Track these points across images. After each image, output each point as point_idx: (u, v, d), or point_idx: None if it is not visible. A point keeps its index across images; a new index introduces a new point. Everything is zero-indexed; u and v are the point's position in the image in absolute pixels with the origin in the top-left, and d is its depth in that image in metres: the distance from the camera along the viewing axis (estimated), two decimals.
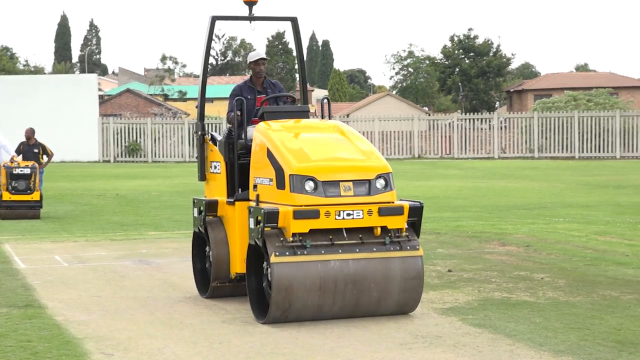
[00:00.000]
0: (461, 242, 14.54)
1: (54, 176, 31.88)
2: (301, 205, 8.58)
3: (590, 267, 12.82)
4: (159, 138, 54.52)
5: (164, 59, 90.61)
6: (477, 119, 56.46)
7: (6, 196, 20.36)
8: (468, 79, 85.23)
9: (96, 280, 12.26)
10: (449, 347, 8.13)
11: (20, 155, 21.31)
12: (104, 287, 11.78)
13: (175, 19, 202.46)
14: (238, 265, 9.84)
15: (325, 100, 10.80)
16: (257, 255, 9.09)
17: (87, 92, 56.59)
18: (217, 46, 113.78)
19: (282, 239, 8.63)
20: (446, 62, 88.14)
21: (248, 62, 10.90)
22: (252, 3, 10.69)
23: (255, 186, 9.41)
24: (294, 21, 11.23)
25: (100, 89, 69.43)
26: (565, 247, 14.90)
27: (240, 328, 9.22)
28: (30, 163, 20.86)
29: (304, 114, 10.35)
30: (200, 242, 10.90)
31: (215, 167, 10.51)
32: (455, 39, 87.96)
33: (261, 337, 8.80)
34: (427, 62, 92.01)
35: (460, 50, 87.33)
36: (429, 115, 66.73)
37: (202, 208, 10.39)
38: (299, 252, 8.56)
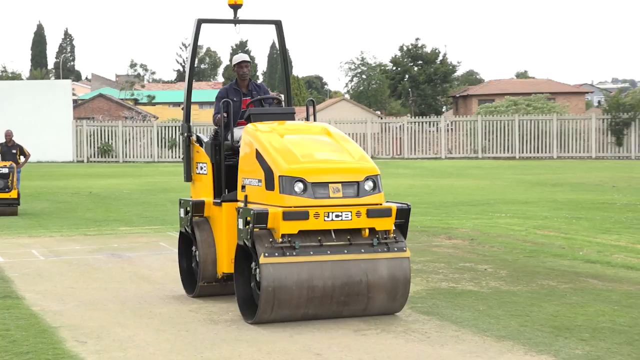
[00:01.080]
0: (411, 236, 14.56)
1: (30, 175, 31.72)
2: (290, 207, 8.09)
3: (530, 258, 12.91)
4: (129, 140, 54.52)
5: (133, 65, 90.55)
6: (426, 122, 56.69)
7: None
8: (417, 85, 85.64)
9: (70, 273, 12.19)
10: (399, 334, 8.18)
11: None
12: (78, 279, 11.71)
13: (145, 28, 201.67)
14: (225, 265, 9.40)
15: (311, 102, 10.44)
16: (245, 255, 8.60)
17: (62, 97, 56.51)
18: (183, 54, 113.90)
19: (271, 239, 8.11)
20: (396, 70, 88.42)
21: (232, 65, 10.37)
22: (237, 6, 10.23)
23: (243, 187, 8.91)
24: (278, 24, 10.74)
25: (74, 94, 69.02)
26: (507, 240, 15.00)
27: (205, 317, 9.21)
28: (8, 163, 20.82)
29: (290, 115, 9.87)
30: (186, 242, 10.37)
31: (201, 168, 9.98)
32: (405, 48, 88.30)
33: (225, 325, 8.79)
34: (379, 69, 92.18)
35: (409, 59, 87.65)
36: (381, 118, 66.86)
37: (188, 209, 9.84)
38: (288, 253, 8.05)
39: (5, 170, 20.45)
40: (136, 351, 7.85)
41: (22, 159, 21.97)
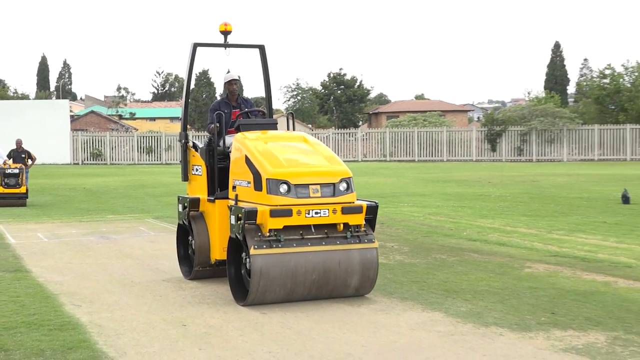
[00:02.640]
0: None
1: (36, 175, 31.32)
2: (276, 205, 7.59)
3: (426, 238, 13.04)
4: (115, 147, 54.18)
5: (118, 88, 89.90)
6: (346, 133, 56.81)
7: (0, 190, 20.33)
8: (340, 104, 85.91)
9: (68, 251, 12.03)
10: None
11: (11, 159, 21.25)
12: (74, 256, 11.57)
13: (128, 60, 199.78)
14: (217, 252, 8.86)
15: (290, 115, 10.05)
16: (236, 246, 8.05)
17: (61, 113, 56.05)
18: (157, 79, 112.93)
19: (259, 234, 7.58)
20: (324, 92, 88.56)
21: (224, 82, 9.78)
22: (227, 32, 9.70)
23: (234, 187, 8.37)
24: (261, 48, 10.26)
25: (71, 111, 68.19)
26: (408, 224, 15.13)
27: (175, 285, 9.19)
28: (18, 165, 20.86)
29: (273, 125, 9.24)
30: (183, 233, 9.73)
31: (196, 170, 9.42)
32: (331, 75, 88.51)
33: (191, 292, 8.77)
34: (311, 91, 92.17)
35: (334, 84, 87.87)
36: (312, 130, 66.89)
37: (186, 204, 9.29)
38: (274, 245, 7.55)
39: (16, 171, 20.55)
40: (120, 312, 7.80)
41: (30, 161, 21.91)
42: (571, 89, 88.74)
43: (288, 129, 9.62)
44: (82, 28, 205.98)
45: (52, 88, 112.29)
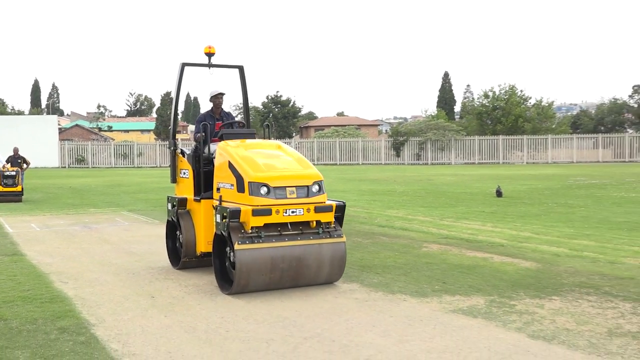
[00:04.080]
0: None
1: (30, 176, 30.48)
2: (258, 205, 7.02)
3: (346, 225, 13.01)
4: (95, 153, 53.19)
5: (98, 106, 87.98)
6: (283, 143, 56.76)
7: (0, 189, 19.88)
8: (277, 120, 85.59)
9: (57, 239, 11.69)
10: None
11: (9, 164, 20.76)
12: (62, 242, 11.25)
13: (105, 82, 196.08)
14: (202, 245, 8.24)
15: (267, 126, 9.47)
16: (221, 242, 7.45)
17: (51, 126, 54.95)
18: (131, 99, 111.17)
19: (243, 230, 7.02)
20: (264, 110, 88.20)
21: (210, 96, 9.10)
22: (211, 54, 9.01)
23: (218, 189, 7.73)
24: (240, 68, 9.59)
25: (59, 124, 66.48)
26: None
27: (146, 265, 9.03)
28: (15, 168, 20.39)
29: (252, 135, 8.61)
30: (171, 228, 9.01)
31: (184, 173, 8.77)
32: (269, 97, 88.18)
33: (158, 270, 8.63)
34: (253, 110, 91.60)
35: (273, 103, 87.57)
36: None
37: (175, 203, 8.63)
38: (256, 241, 6.98)
39: (14, 173, 20.15)
40: (100, 287, 7.62)
41: (25, 165, 21.44)
42: (457, 107, 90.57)
43: (264, 138, 9.07)
44: (69, 56, 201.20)
45: (43, 106, 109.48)
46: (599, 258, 8.89)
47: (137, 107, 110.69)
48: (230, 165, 7.47)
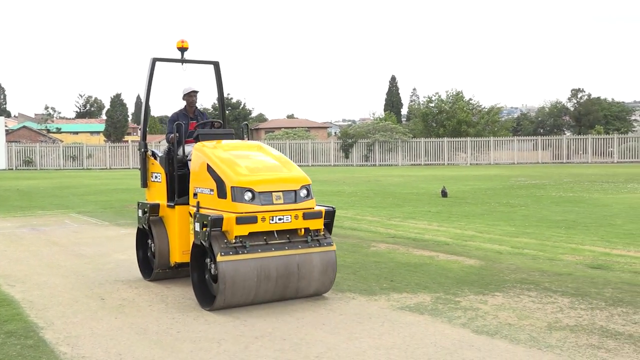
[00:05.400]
0: None
1: None
2: (242, 213, 6.26)
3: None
4: (44, 155, 51.86)
5: (46, 107, 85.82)
6: None
7: None
8: (228, 122, 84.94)
9: (5, 241, 11.36)
10: None
11: None
12: (10, 244, 10.93)
13: (54, 83, 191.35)
14: (177, 255, 7.46)
15: (245, 126, 8.52)
16: (199, 252, 6.67)
17: None
18: (80, 101, 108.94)
19: (225, 240, 6.26)
20: (215, 112, 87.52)
21: (183, 94, 8.31)
22: (184, 49, 8.20)
23: (195, 194, 6.91)
24: (216, 64, 8.79)
25: (6, 126, 64.63)
26: None
27: (96, 267, 8.84)
28: None
29: (230, 135, 7.88)
30: (142, 237, 8.20)
31: (156, 177, 7.94)
32: None
33: (108, 272, 8.46)
34: (205, 112, 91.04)
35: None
36: None
37: (146, 210, 7.78)
38: (240, 252, 6.24)
39: None
40: (49, 290, 7.43)
41: None
42: (404, 111, 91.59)
43: (243, 138, 8.25)
44: (15, 56, 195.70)
45: None
46: (539, 255, 9.11)
47: (87, 108, 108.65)
48: (209, 169, 6.71)
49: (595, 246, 9.79)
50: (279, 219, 6.42)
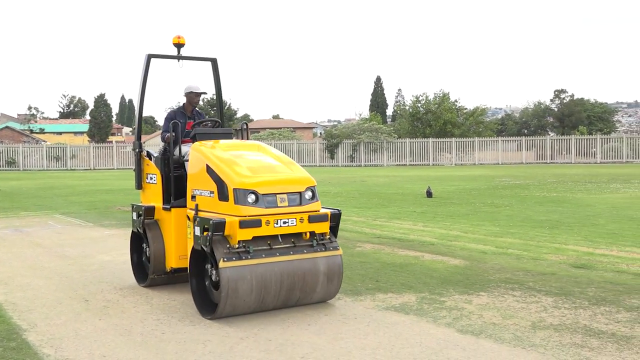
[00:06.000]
0: None
1: None
2: (245, 216, 5.93)
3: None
4: (27, 156, 51.40)
5: (30, 108, 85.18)
6: None
7: None
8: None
9: None
10: None
11: None
12: None
13: (38, 83, 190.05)
14: (173, 260, 7.10)
15: (245, 125, 7.94)
16: (199, 258, 6.32)
17: None
18: (64, 101, 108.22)
19: (228, 245, 5.92)
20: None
21: (188, 91, 7.88)
22: (180, 45, 7.79)
23: (193, 197, 6.56)
24: (213, 61, 8.39)
25: None
26: None
27: (79, 268, 8.77)
28: None
29: (229, 135, 7.54)
30: (137, 241, 7.87)
31: (151, 178, 7.57)
32: (206, 99, 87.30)
33: (92, 273, 8.40)
34: None
35: (209, 106, 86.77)
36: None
37: (140, 212, 7.42)
38: (243, 257, 5.89)
39: None
40: (32, 292, 7.37)
41: None
42: (389, 111, 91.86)
43: (242, 138, 7.86)
44: None
45: None
46: (523, 255, 9.16)
47: (71, 109, 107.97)
48: (209, 170, 6.34)
49: (579, 246, 9.87)
50: (284, 223, 6.11)
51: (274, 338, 5.46)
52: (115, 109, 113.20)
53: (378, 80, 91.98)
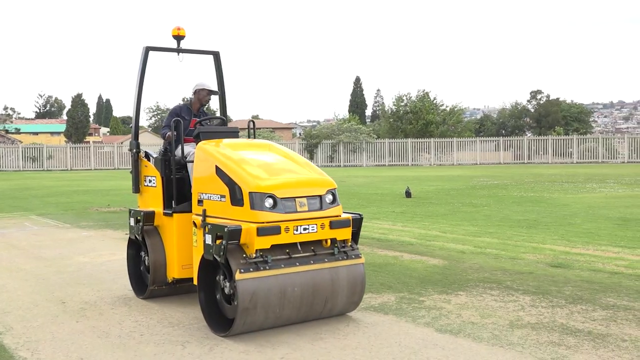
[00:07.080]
0: None
1: None
2: (263, 222, 5.34)
3: None
4: (2, 156, 50.73)
5: (5, 108, 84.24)
6: None
7: None
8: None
9: None
10: None
11: None
12: None
13: (13, 83, 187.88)
14: (175, 270, 6.55)
15: (251, 122, 7.20)
16: (209, 268, 5.77)
17: None
18: (40, 101, 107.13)
19: (244, 255, 5.35)
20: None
21: (200, 88, 7.29)
22: (180, 37, 7.23)
23: (200, 201, 5.95)
24: (216, 55, 7.83)
25: None
26: None
27: (57, 270, 8.68)
28: None
29: (235, 134, 6.84)
30: (135, 249, 7.27)
31: (150, 181, 6.98)
32: (185, 99, 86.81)
33: (70, 275, 8.31)
34: (167, 112, 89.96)
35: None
36: None
37: (139, 218, 6.82)
38: (261, 268, 5.32)
39: None
40: (7, 294, 7.28)
41: None
42: (368, 111, 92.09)
43: (249, 137, 7.21)
44: None
45: None
46: (501, 254, 9.24)
47: (47, 108, 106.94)
48: (219, 171, 5.74)
49: (556, 245, 9.97)
50: (304, 229, 5.55)
51: (253, 339, 5.45)
52: (92, 109, 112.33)
53: (357, 81, 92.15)
